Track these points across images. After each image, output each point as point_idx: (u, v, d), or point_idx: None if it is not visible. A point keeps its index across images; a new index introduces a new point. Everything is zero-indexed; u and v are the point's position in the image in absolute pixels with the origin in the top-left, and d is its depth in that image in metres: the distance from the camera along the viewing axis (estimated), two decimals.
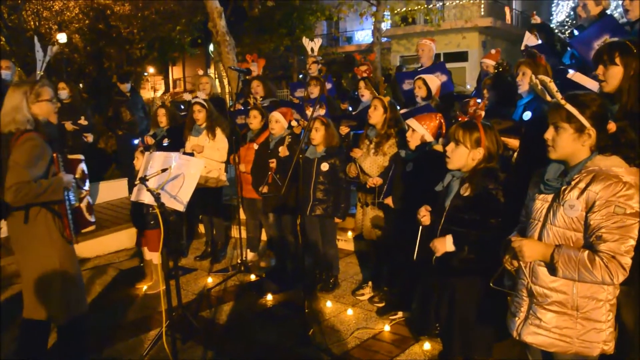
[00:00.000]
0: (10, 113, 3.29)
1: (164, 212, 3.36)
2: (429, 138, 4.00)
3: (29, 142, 3.20)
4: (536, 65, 3.78)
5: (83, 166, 3.65)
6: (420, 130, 3.98)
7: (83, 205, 3.57)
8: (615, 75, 2.78)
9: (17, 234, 3.36)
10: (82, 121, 7.23)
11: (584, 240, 2.22)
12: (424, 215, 3.09)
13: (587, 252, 2.15)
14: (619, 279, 2.11)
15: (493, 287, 2.50)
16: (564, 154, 2.30)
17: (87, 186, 3.65)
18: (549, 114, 2.35)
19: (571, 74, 3.29)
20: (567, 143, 2.27)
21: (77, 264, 3.57)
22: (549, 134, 2.32)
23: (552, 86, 2.29)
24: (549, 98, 2.32)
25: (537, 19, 5.68)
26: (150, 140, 6.10)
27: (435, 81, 5.33)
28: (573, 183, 2.24)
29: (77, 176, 3.53)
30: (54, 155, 3.34)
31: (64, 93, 7.31)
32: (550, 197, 2.35)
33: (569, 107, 2.25)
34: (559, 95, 2.28)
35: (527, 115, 3.71)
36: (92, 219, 3.67)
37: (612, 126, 2.30)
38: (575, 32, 4.77)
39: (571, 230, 2.24)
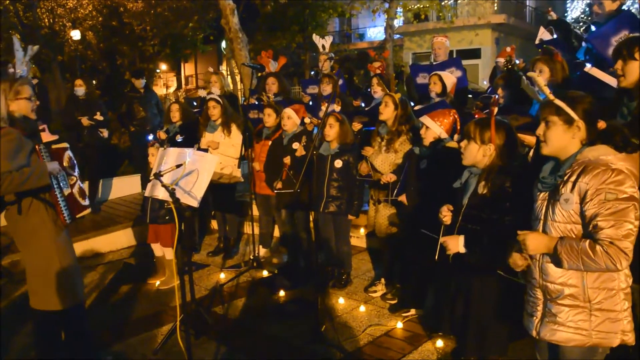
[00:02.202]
0: None
1: (178, 207, 3.37)
2: (443, 135, 3.97)
3: (5, 137, 3.24)
4: (553, 62, 3.74)
5: (69, 153, 3.69)
6: (433, 127, 3.95)
7: (75, 190, 3.63)
8: (634, 70, 2.77)
9: (13, 227, 3.44)
10: (98, 116, 7.30)
11: (583, 231, 2.25)
12: (446, 215, 3.07)
13: (588, 240, 2.17)
14: (622, 264, 2.12)
15: (502, 275, 2.52)
16: (555, 148, 2.34)
17: (76, 172, 3.70)
18: (539, 111, 2.40)
19: (589, 67, 3.26)
20: (558, 136, 2.31)
21: (74, 252, 3.63)
22: (540, 129, 2.37)
23: (540, 80, 2.35)
24: (539, 98, 2.35)
25: (553, 16, 5.64)
26: (163, 135, 6.13)
27: (450, 78, 5.30)
28: (565, 177, 2.28)
29: (65, 164, 3.58)
30: (36, 146, 3.38)
31: (81, 90, 7.37)
32: (548, 194, 2.38)
33: (557, 101, 2.30)
34: (547, 90, 2.35)
35: None
36: (86, 202, 3.73)
37: (601, 124, 2.32)
38: (593, 28, 4.71)
39: (571, 223, 2.27)
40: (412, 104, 5.27)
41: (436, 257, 3.12)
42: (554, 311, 2.36)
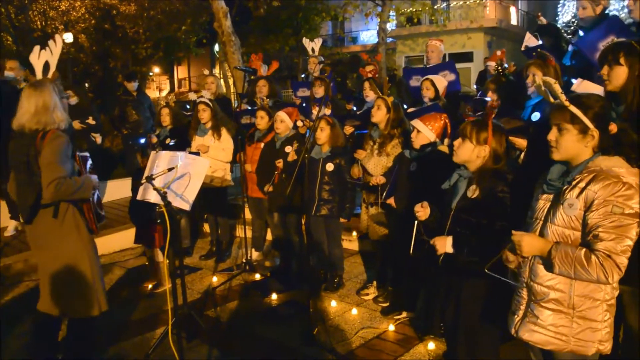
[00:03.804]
0: (44, 112, 3.27)
1: (170, 211, 3.37)
2: (433, 138, 3.99)
3: (57, 140, 3.23)
4: (546, 66, 3.77)
5: (90, 162, 3.70)
6: (424, 131, 3.97)
7: (95, 200, 3.64)
8: (619, 75, 2.79)
9: (43, 230, 3.38)
10: (90, 120, 7.24)
11: (581, 239, 2.24)
12: (419, 211, 3.10)
13: (584, 249, 2.16)
14: (614, 278, 2.12)
15: (488, 273, 2.54)
16: (566, 155, 2.32)
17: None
18: (551, 115, 2.37)
19: (576, 84, 3.26)
20: (571, 144, 2.29)
21: (99, 260, 3.64)
22: (553, 135, 2.34)
23: (557, 87, 2.30)
24: (552, 100, 2.33)
25: (543, 21, 5.68)
26: (154, 139, 6.12)
27: (442, 82, 5.34)
28: (574, 183, 2.26)
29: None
30: (76, 153, 3.39)
31: (72, 100, 7.32)
32: (552, 196, 2.37)
33: (572, 108, 2.26)
34: (563, 97, 2.29)
35: (535, 116, 3.70)
36: (103, 213, 3.76)
37: (613, 127, 2.31)
38: (581, 33, 4.75)
39: (570, 229, 2.26)
40: (405, 106, 5.29)
41: (411, 252, 3.14)
42: (536, 312, 2.38)
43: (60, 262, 3.40)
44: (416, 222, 3.10)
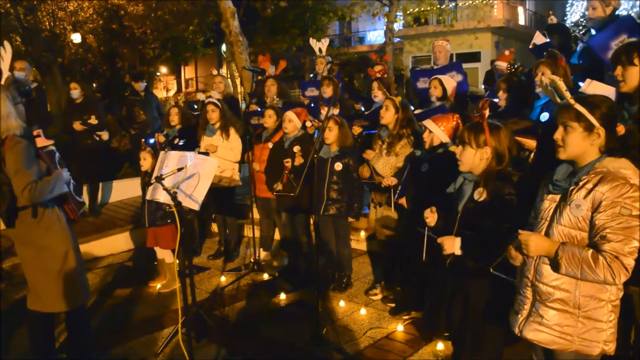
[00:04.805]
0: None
1: (180, 210, 3.38)
2: (445, 139, 3.97)
3: (18, 145, 3.24)
4: (556, 66, 3.75)
5: (57, 155, 3.69)
6: (436, 132, 3.95)
7: (71, 190, 3.67)
8: (634, 75, 2.78)
9: (25, 229, 3.41)
10: (92, 120, 7.13)
11: (588, 240, 2.24)
12: (428, 216, 3.08)
13: (591, 250, 2.16)
14: (621, 279, 2.12)
15: (493, 273, 2.56)
16: (573, 154, 2.32)
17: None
18: (557, 114, 2.37)
19: (585, 85, 3.24)
20: (577, 142, 2.28)
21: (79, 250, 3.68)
22: (559, 133, 2.34)
23: (562, 85, 2.30)
24: (558, 100, 2.33)
25: (553, 20, 5.64)
26: (161, 138, 6.12)
27: (451, 82, 5.32)
28: (581, 184, 2.26)
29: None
30: (40, 151, 3.42)
31: (75, 92, 7.27)
32: (558, 197, 2.37)
33: (578, 106, 2.26)
34: (568, 95, 2.30)
35: (544, 116, 3.69)
36: (81, 199, 3.79)
37: (620, 129, 2.31)
38: (593, 32, 4.72)
39: (576, 229, 2.26)
40: (412, 107, 5.28)
41: (423, 258, 3.13)
42: (540, 312, 2.38)
43: (47, 256, 3.44)
44: (426, 227, 3.09)
